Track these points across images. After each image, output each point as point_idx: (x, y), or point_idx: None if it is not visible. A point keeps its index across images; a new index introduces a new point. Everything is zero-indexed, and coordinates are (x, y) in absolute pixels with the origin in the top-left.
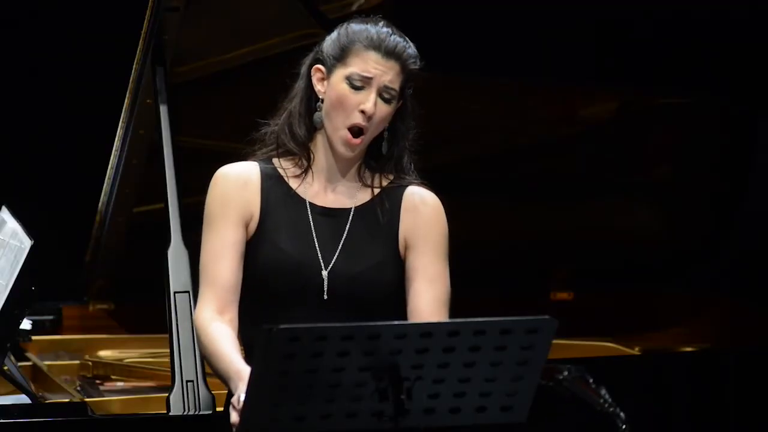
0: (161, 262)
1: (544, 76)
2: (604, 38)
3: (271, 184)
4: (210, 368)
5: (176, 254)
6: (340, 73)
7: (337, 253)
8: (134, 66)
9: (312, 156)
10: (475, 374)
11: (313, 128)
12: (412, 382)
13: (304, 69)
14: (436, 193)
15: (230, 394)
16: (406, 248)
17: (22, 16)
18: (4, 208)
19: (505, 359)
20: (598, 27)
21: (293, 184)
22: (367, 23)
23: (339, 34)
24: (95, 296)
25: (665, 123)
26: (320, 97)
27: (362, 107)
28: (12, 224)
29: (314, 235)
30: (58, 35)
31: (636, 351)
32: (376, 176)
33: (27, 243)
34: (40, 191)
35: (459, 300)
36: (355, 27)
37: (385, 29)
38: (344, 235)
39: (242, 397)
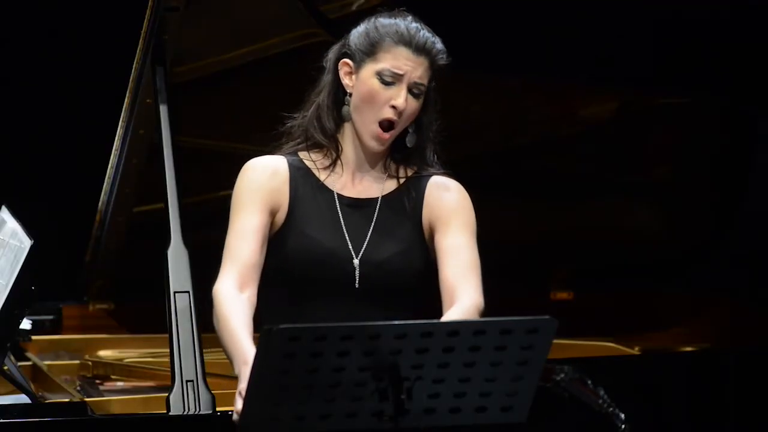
0: (161, 262)
1: (545, 74)
2: (605, 38)
3: (299, 175)
4: (219, 339)
5: (176, 254)
6: (370, 68)
7: (366, 242)
8: (134, 66)
9: (340, 147)
10: (475, 374)
11: (341, 120)
12: (412, 382)
13: (330, 63)
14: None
15: None
16: (431, 234)
17: (22, 15)
18: (4, 207)
19: (505, 359)
20: (598, 27)
21: (321, 175)
22: (395, 18)
23: (367, 28)
24: (95, 296)
25: (665, 123)
26: (348, 91)
27: (393, 102)
28: (12, 224)
29: (343, 225)
30: (58, 35)
31: (636, 351)
32: (401, 167)
33: (27, 243)
34: (40, 191)
35: None
36: (384, 21)
37: (414, 24)
38: (373, 223)
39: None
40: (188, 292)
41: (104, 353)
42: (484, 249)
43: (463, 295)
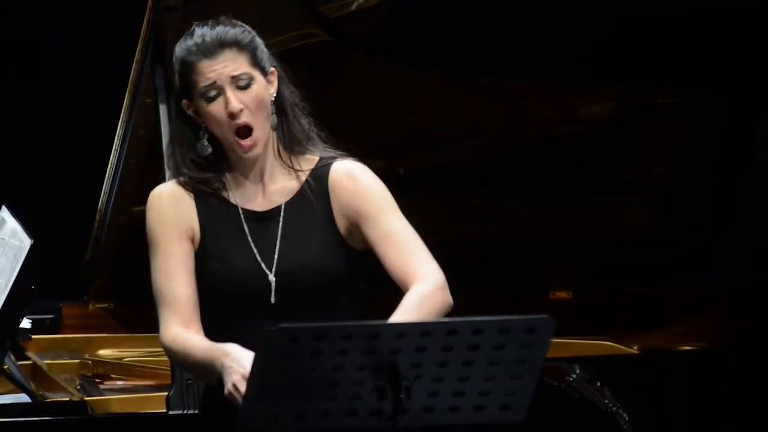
0: None
1: (544, 74)
2: (604, 37)
3: (205, 197)
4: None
5: None
6: (196, 96)
7: (276, 255)
8: (134, 66)
9: (228, 170)
10: (474, 373)
11: (208, 157)
12: (411, 380)
13: (173, 113)
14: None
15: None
16: (351, 227)
17: (23, 15)
18: (4, 207)
19: (503, 358)
20: (598, 26)
21: (225, 193)
22: (185, 40)
23: (174, 65)
24: (95, 295)
25: (665, 123)
26: (202, 125)
27: (228, 110)
28: (12, 223)
29: (251, 241)
30: (58, 35)
31: (635, 350)
32: (296, 159)
33: (27, 242)
34: (40, 190)
35: (459, 299)
36: (178, 51)
37: (199, 31)
38: (279, 233)
39: (240, 370)
40: None
41: (104, 352)
42: (484, 248)
43: (417, 275)
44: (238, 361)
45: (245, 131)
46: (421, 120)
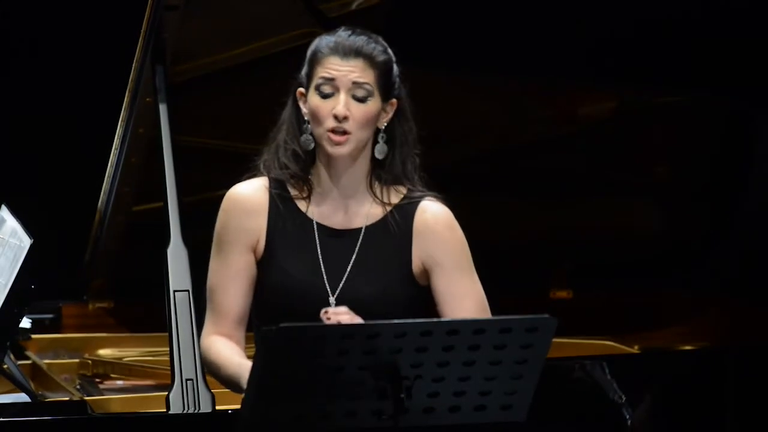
0: (161, 261)
1: (544, 74)
2: (604, 37)
3: (280, 204)
4: (219, 380)
5: (176, 253)
6: (311, 86)
7: (345, 277)
8: (134, 64)
9: (315, 177)
10: (475, 373)
11: (306, 153)
12: (412, 380)
13: (290, 100)
14: (443, 197)
15: None
16: (425, 272)
17: (22, 14)
18: (3, 206)
19: (504, 358)
20: (597, 26)
21: (303, 204)
22: (329, 34)
23: (308, 52)
24: (95, 295)
25: (665, 123)
26: (306, 118)
27: (333, 111)
28: (12, 223)
29: (321, 258)
30: (57, 33)
31: (635, 350)
32: (386, 191)
33: (26, 241)
34: (40, 190)
35: None
36: (316, 41)
37: (344, 33)
38: (353, 257)
39: None
40: (188, 290)
41: (104, 352)
42: (484, 248)
43: None
44: None
45: (342, 132)
46: (421, 119)
